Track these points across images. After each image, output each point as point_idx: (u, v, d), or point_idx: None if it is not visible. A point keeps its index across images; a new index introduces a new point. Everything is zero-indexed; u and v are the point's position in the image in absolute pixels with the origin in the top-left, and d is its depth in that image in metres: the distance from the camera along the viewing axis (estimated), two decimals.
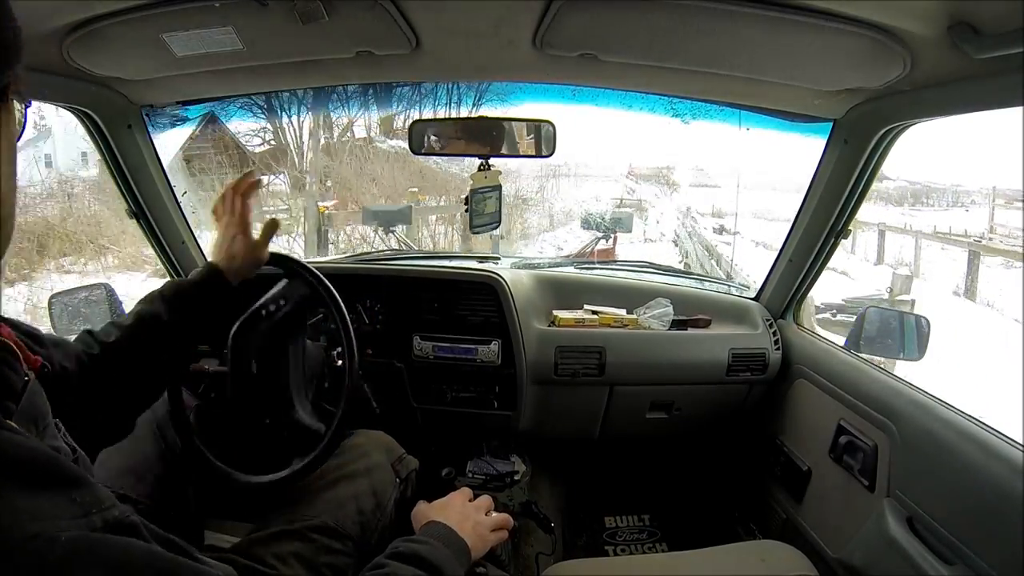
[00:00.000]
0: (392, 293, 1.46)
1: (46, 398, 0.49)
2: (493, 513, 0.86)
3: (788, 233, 1.42)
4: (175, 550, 0.39)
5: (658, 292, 1.55)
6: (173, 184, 1.46)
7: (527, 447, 1.57)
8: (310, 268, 1.14)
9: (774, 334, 1.46)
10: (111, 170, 1.36)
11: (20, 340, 0.58)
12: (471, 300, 1.43)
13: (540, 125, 1.28)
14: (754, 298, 1.57)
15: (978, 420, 0.92)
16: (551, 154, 1.30)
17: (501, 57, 1.08)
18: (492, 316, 1.40)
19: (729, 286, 1.69)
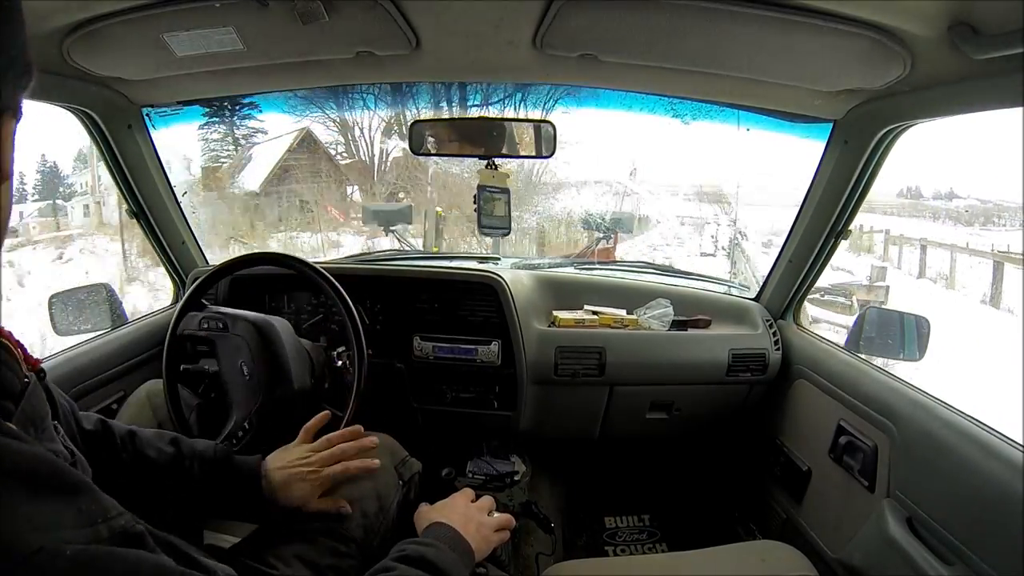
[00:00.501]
0: (392, 293, 1.46)
1: (45, 399, 0.49)
2: (495, 513, 0.86)
3: (788, 234, 1.42)
4: (177, 554, 0.38)
5: (658, 292, 1.55)
6: (174, 184, 1.46)
7: (527, 447, 1.57)
8: (319, 269, 1.14)
9: (774, 334, 1.46)
10: (111, 170, 1.36)
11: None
12: (471, 300, 1.43)
13: (540, 125, 1.29)
14: (754, 298, 1.57)
15: (978, 420, 0.92)
16: (551, 154, 1.30)
17: (501, 57, 1.08)
18: (492, 316, 1.40)
19: (729, 286, 1.69)
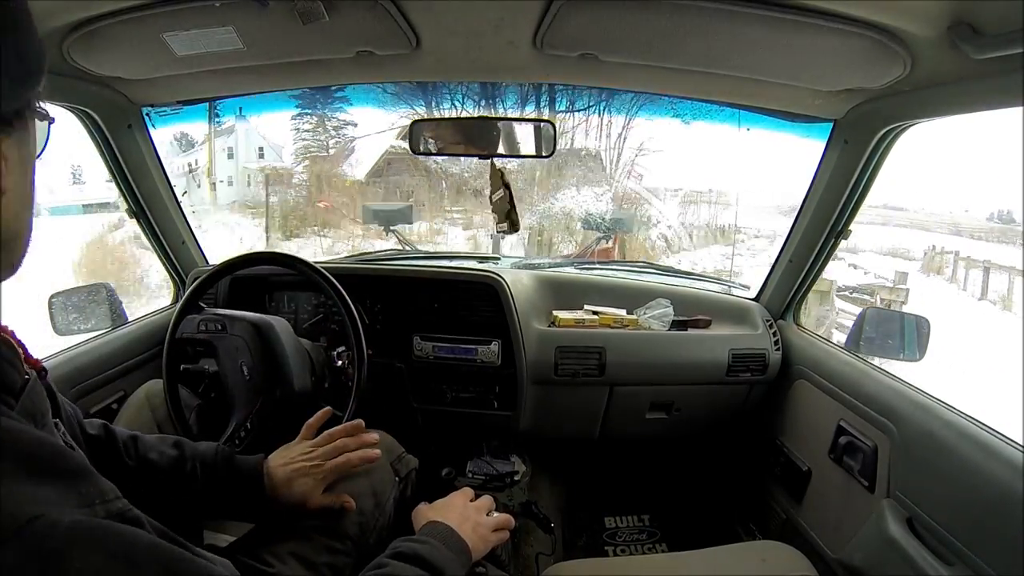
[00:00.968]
0: (392, 293, 1.46)
1: (46, 397, 0.49)
2: (494, 513, 0.86)
3: (788, 234, 1.42)
4: (173, 543, 0.39)
5: (658, 292, 1.55)
6: (174, 184, 1.46)
7: (527, 447, 1.57)
8: (319, 269, 1.14)
9: (774, 335, 1.46)
10: (111, 170, 1.36)
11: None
12: (471, 300, 1.43)
13: (540, 125, 1.29)
14: (754, 299, 1.57)
15: (978, 421, 0.92)
16: (551, 154, 1.30)
17: (501, 57, 1.08)
18: (492, 316, 1.40)
19: (729, 286, 1.69)
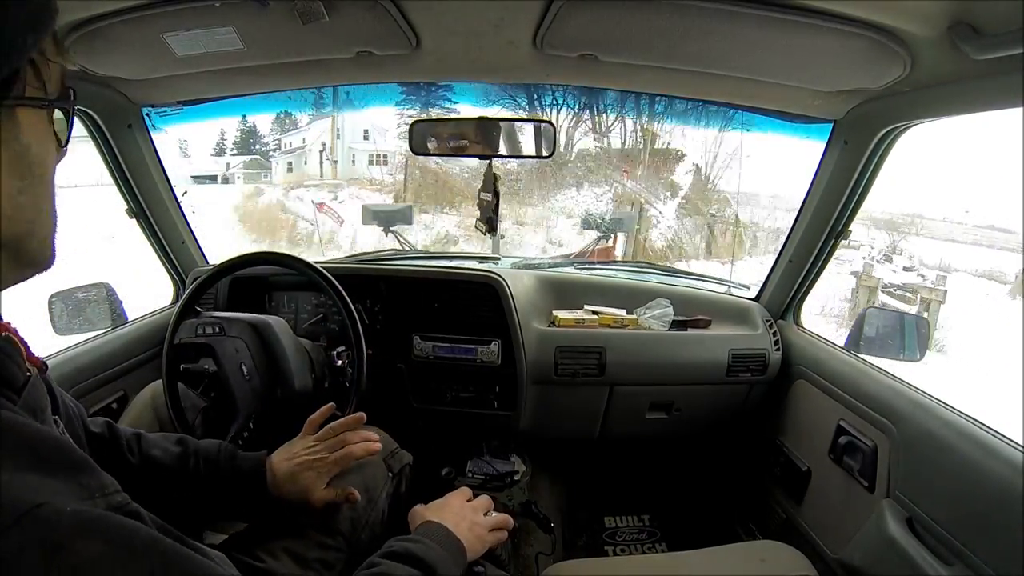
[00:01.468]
0: (392, 293, 1.46)
1: (46, 392, 0.50)
2: (492, 513, 0.86)
3: (788, 234, 1.42)
4: (171, 537, 0.39)
5: (658, 292, 1.55)
6: (174, 184, 1.46)
7: (527, 447, 1.57)
8: (319, 269, 1.14)
9: (774, 335, 1.46)
10: (111, 170, 1.36)
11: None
12: (471, 300, 1.43)
13: (540, 125, 1.29)
14: (754, 299, 1.57)
15: (978, 421, 0.92)
16: (551, 154, 1.30)
17: (501, 57, 1.08)
18: (492, 316, 1.40)
19: (729, 286, 1.69)
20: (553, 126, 1.28)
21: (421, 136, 1.31)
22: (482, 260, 1.75)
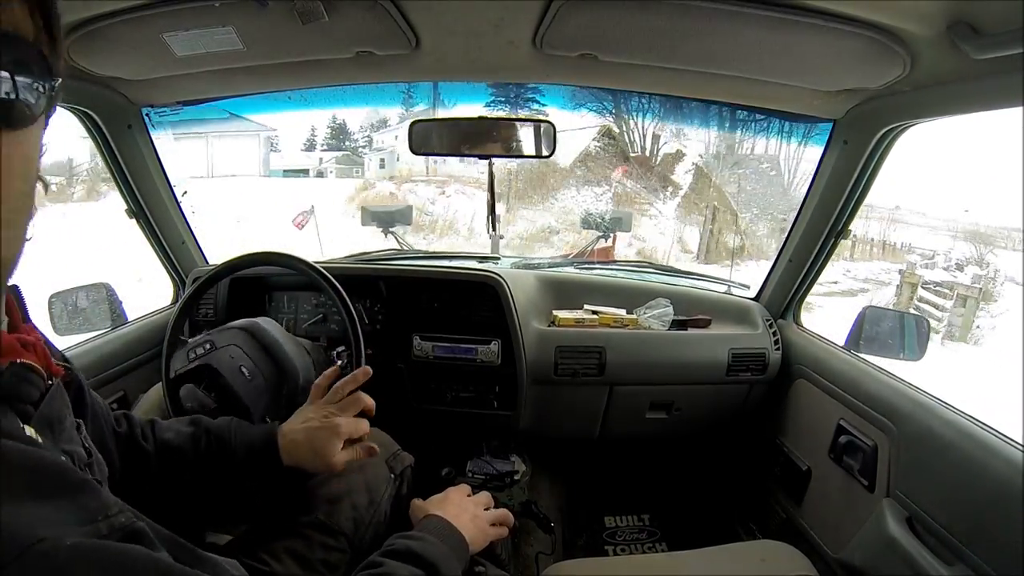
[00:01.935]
0: (392, 293, 1.46)
1: (68, 400, 0.49)
2: (493, 509, 0.86)
3: (788, 233, 1.42)
4: (182, 552, 0.39)
5: (658, 292, 1.55)
6: (174, 184, 1.46)
7: (527, 447, 1.57)
8: (319, 269, 1.14)
9: (774, 334, 1.46)
10: (111, 170, 1.36)
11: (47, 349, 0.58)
12: (471, 300, 1.43)
13: (540, 125, 1.29)
14: (754, 298, 1.57)
15: (978, 420, 0.92)
16: (551, 154, 1.30)
17: (501, 57, 1.08)
18: (492, 316, 1.40)
19: (729, 286, 1.69)
20: (553, 126, 1.28)
21: (421, 136, 1.31)
22: (482, 260, 1.75)
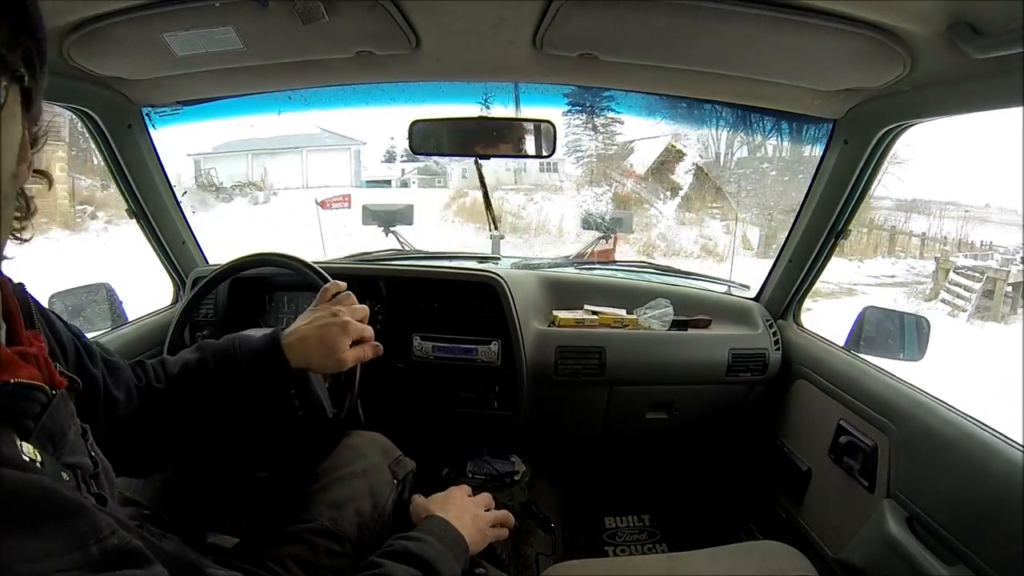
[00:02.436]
0: (392, 293, 1.46)
1: (73, 409, 0.48)
2: (493, 510, 0.86)
3: (788, 233, 1.42)
4: (186, 570, 0.38)
5: (658, 292, 1.55)
6: (174, 184, 1.46)
7: (527, 447, 1.57)
8: (318, 269, 1.14)
9: (774, 334, 1.46)
10: (111, 170, 1.36)
11: (65, 352, 0.57)
12: (471, 300, 1.43)
13: (540, 125, 1.29)
14: (754, 298, 1.57)
15: (978, 420, 0.92)
16: (551, 154, 1.30)
17: (501, 57, 1.08)
18: (492, 316, 1.40)
19: (729, 286, 1.69)
20: (553, 126, 1.28)
21: (421, 136, 1.31)
22: (482, 260, 1.75)
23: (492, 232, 1.98)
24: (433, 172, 13.39)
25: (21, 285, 0.48)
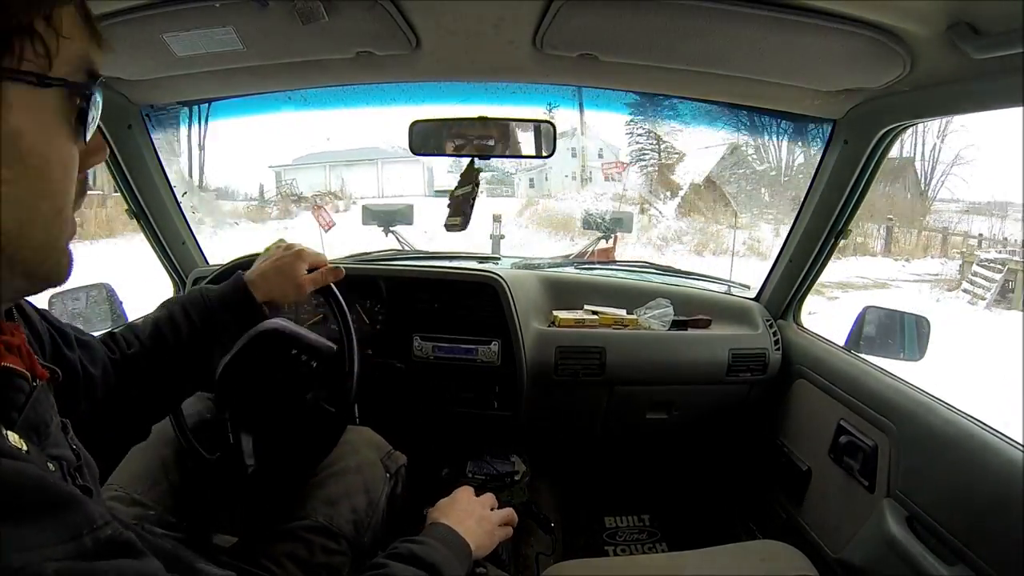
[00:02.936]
0: (392, 293, 1.46)
1: (54, 401, 0.48)
2: (498, 509, 0.86)
3: (788, 233, 1.42)
4: (178, 566, 0.38)
5: (658, 292, 1.55)
6: (174, 184, 1.46)
7: (527, 447, 1.57)
8: None
9: (774, 334, 1.46)
10: (111, 170, 1.36)
11: (42, 342, 0.57)
12: (471, 300, 1.43)
13: (540, 125, 1.28)
14: (754, 298, 1.57)
15: (978, 420, 0.92)
16: (551, 154, 1.30)
17: (501, 57, 1.08)
18: (492, 316, 1.40)
19: (729, 286, 1.69)
20: (553, 126, 1.28)
21: (421, 136, 1.31)
22: (482, 260, 1.75)
23: (492, 232, 1.98)
24: (500, 181, 13.87)
25: None
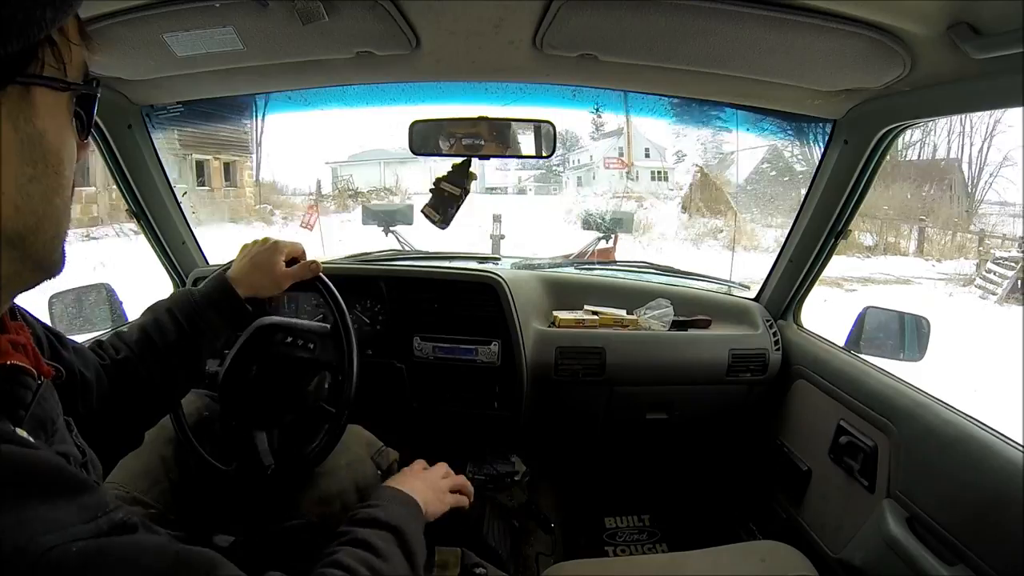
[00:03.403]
0: (392, 293, 1.46)
1: (58, 399, 0.49)
2: (452, 477, 0.87)
3: (788, 233, 1.42)
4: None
5: (658, 292, 1.55)
6: (174, 184, 1.46)
7: (527, 447, 1.57)
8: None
9: (774, 334, 1.46)
10: (111, 170, 1.36)
11: (40, 343, 0.58)
12: (471, 300, 1.43)
13: (540, 125, 1.28)
14: (754, 298, 1.57)
15: (978, 420, 0.92)
16: (551, 154, 1.29)
17: (501, 57, 1.08)
18: (492, 316, 1.40)
19: (729, 286, 1.69)
20: (553, 126, 1.28)
21: (421, 136, 1.31)
22: (482, 260, 1.75)
23: (492, 232, 1.98)
24: (548, 180, 14.48)
25: None
